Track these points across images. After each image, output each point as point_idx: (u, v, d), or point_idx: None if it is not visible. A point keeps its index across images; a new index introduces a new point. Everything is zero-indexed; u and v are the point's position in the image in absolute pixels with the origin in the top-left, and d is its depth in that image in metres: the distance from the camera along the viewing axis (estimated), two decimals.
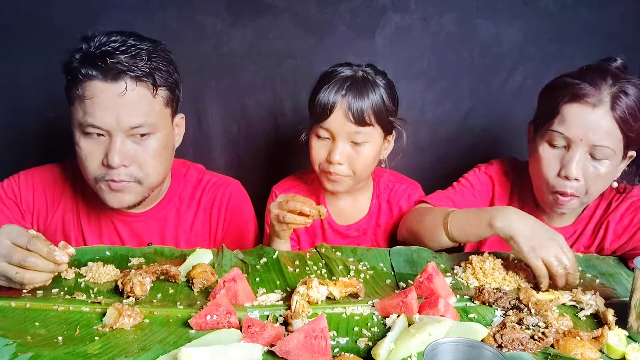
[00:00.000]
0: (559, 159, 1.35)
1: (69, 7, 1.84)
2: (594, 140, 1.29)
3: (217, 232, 1.53)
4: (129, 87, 1.24)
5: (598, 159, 1.31)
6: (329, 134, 1.45)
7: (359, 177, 1.51)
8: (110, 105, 1.24)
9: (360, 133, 1.43)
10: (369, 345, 0.97)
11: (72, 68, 1.26)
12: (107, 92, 1.24)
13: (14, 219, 1.43)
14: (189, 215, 1.51)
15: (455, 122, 2.03)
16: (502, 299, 1.10)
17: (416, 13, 1.92)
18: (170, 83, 1.33)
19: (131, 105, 1.25)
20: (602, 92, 1.29)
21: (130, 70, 1.24)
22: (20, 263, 1.01)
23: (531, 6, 1.92)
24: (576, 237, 1.49)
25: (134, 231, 1.47)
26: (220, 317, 0.99)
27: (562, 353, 0.95)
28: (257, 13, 1.89)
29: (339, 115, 1.42)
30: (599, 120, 1.29)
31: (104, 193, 1.33)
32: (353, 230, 1.63)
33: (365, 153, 1.46)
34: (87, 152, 1.29)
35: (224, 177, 1.59)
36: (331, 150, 1.45)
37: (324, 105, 1.42)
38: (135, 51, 1.25)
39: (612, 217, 1.44)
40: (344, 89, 1.41)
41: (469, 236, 1.31)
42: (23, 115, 1.96)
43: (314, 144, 1.49)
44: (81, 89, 1.25)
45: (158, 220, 1.48)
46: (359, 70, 1.46)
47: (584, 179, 1.33)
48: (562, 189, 1.35)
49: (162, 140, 1.33)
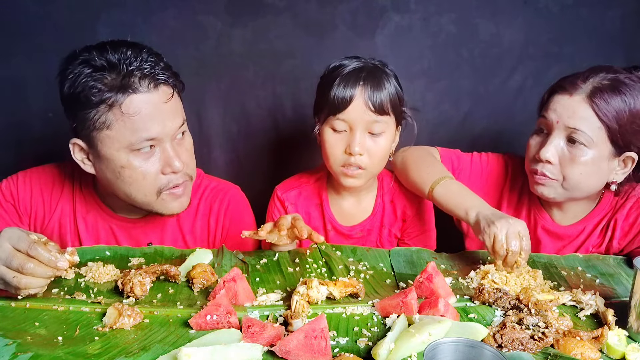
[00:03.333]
0: (540, 144, 1.40)
1: (69, 7, 1.84)
2: (568, 122, 1.34)
3: (216, 238, 1.52)
4: (166, 93, 1.26)
5: (574, 143, 1.34)
6: (346, 125, 1.44)
7: (375, 170, 1.52)
8: (156, 114, 1.24)
9: (379, 122, 1.43)
10: (369, 345, 0.97)
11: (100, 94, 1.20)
12: (150, 102, 1.23)
13: (11, 222, 1.42)
14: (188, 221, 1.50)
15: (455, 122, 2.03)
16: (502, 299, 1.10)
17: (416, 13, 1.92)
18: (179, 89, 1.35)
19: (173, 109, 1.28)
20: (586, 82, 1.34)
21: (166, 76, 1.26)
22: (19, 268, 1.01)
23: (531, 6, 1.92)
24: (585, 236, 1.49)
25: (132, 236, 1.45)
26: (220, 317, 0.99)
27: (562, 353, 0.95)
28: (257, 13, 1.89)
29: (359, 105, 1.41)
30: (575, 105, 1.34)
31: (167, 203, 1.33)
32: (357, 231, 1.62)
33: (382, 144, 1.46)
34: (144, 170, 1.27)
35: (224, 182, 1.57)
36: (350, 142, 1.43)
37: (342, 96, 1.41)
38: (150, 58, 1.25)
39: (619, 215, 1.45)
40: (361, 79, 1.41)
41: (445, 209, 1.39)
42: (23, 115, 1.96)
43: (329, 137, 1.46)
44: (123, 107, 1.20)
45: (156, 225, 1.47)
46: (368, 61, 1.47)
47: (559, 164, 1.37)
48: (535, 168, 1.40)
49: (189, 136, 1.38)
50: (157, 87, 1.24)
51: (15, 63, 1.88)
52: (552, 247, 1.51)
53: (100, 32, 1.84)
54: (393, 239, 1.65)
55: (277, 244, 1.30)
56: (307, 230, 1.25)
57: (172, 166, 1.28)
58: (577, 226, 1.49)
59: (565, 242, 1.50)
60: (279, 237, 1.26)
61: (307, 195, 1.63)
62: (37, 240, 1.04)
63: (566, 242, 1.50)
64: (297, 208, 1.61)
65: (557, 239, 1.51)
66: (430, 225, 1.66)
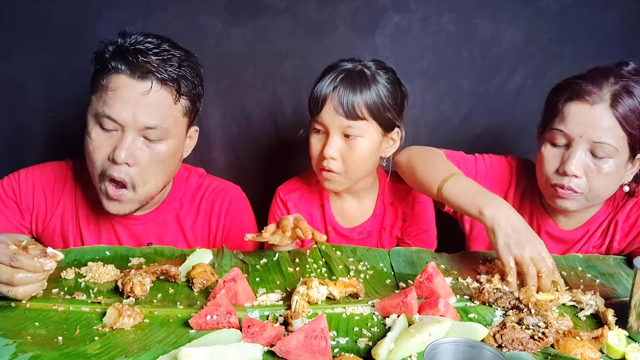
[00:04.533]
0: (560, 157, 1.35)
1: (69, 7, 1.84)
2: (593, 137, 1.29)
3: (216, 238, 1.52)
4: (153, 87, 1.26)
5: (599, 156, 1.31)
6: (323, 127, 1.45)
7: (353, 175, 1.48)
8: (131, 101, 1.25)
9: (353, 127, 1.42)
10: (369, 345, 0.97)
11: (103, 58, 1.27)
12: (131, 88, 1.25)
13: (13, 219, 1.42)
14: (189, 220, 1.50)
15: (455, 122, 2.03)
16: (502, 299, 1.10)
17: (416, 13, 1.92)
18: (193, 94, 1.35)
19: (151, 106, 1.26)
20: (603, 90, 1.30)
21: (159, 72, 1.26)
22: (9, 282, 0.99)
23: (531, 6, 1.92)
24: (587, 238, 1.48)
25: (133, 234, 1.46)
26: (220, 317, 0.99)
27: (562, 353, 0.95)
28: (257, 13, 1.89)
29: (330, 109, 1.41)
30: (599, 117, 1.29)
31: (103, 197, 1.33)
32: (357, 233, 1.62)
33: (359, 148, 1.44)
34: (97, 144, 1.29)
35: (225, 182, 1.58)
36: (325, 145, 1.44)
37: (316, 98, 1.42)
38: (168, 56, 1.28)
39: (619, 216, 1.44)
40: (336, 82, 1.41)
41: (455, 206, 1.31)
42: (23, 115, 1.95)
43: (312, 139, 1.49)
44: (106, 79, 1.26)
45: (157, 223, 1.47)
46: (358, 65, 1.45)
47: (585, 177, 1.33)
48: (561, 182, 1.35)
49: (171, 147, 1.33)
50: (144, 78, 1.25)
51: (15, 63, 1.88)
52: (555, 251, 1.49)
53: (100, 32, 1.84)
54: (394, 240, 1.65)
55: (278, 245, 1.29)
56: (311, 230, 1.24)
57: (114, 153, 1.26)
58: (581, 230, 1.48)
59: (569, 245, 1.50)
60: (281, 238, 1.26)
61: (309, 196, 1.63)
62: (17, 248, 1.02)
63: (570, 245, 1.50)
64: (299, 209, 1.61)
65: (560, 243, 1.50)
66: (431, 224, 1.66)
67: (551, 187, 1.38)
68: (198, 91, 1.37)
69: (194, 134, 1.45)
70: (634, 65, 1.36)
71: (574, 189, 1.34)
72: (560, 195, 1.36)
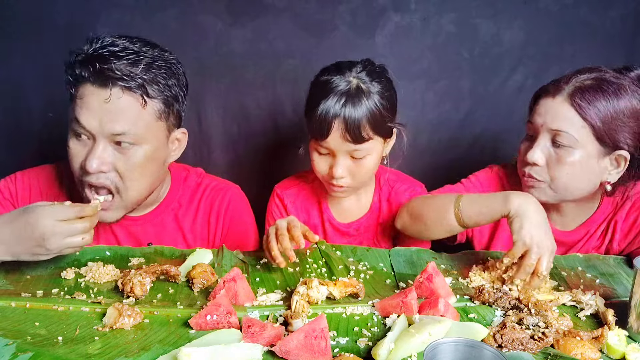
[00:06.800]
0: (529, 148, 1.40)
1: (69, 7, 1.84)
2: (552, 124, 1.34)
3: (216, 237, 1.52)
4: (115, 95, 1.23)
5: (561, 145, 1.33)
6: (328, 150, 1.45)
7: (360, 184, 1.54)
8: (96, 109, 1.24)
9: (360, 150, 1.42)
10: (369, 345, 0.97)
11: (70, 67, 1.27)
12: (95, 96, 1.24)
13: None
14: (188, 220, 1.50)
15: (455, 122, 2.03)
16: (502, 299, 1.10)
17: (416, 13, 1.92)
18: (167, 96, 1.30)
19: (116, 113, 1.24)
20: (569, 84, 1.34)
21: (120, 78, 1.22)
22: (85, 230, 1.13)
23: (531, 6, 1.92)
24: (587, 239, 1.47)
25: (132, 235, 1.45)
26: (220, 317, 0.99)
27: (562, 353, 0.95)
28: (257, 13, 1.89)
29: (336, 136, 1.39)
30: (558, 107, 1.33)
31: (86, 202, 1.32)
32: (353, 228, 1.62)
33: (367, 164, 1.46)
34: (74, 153, 1.29)
35: (224, 181, 1.57)
36: (333, 166, 1.44)
37: (320, 125, 1.39)
38: (134, 58, 1.24)
39: (618, 217, 1.44)
40: (338, 108, 1.37)
41: (480, 216, 1.28)
42: (23, 115, 1.95)
43: (315, 158, 1.48)
44: (75, 88, 1.27)
45: (156, 224, 1.47)
46: (352, 79, 1.40)
47: (546, 166, 1.36)
48: (524, 170, 1.40)
49: (148, 152, 1.30)
50: (104, 86, 1.23)
51: (15, 63, 1.88)
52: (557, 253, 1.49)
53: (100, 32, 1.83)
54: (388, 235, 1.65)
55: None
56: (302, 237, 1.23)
57: (86, 162, 1.26)
58: (580, 231, 1.48)
59: (568, 247, 1.49)
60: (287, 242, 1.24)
61: (306, 193, 1.64)
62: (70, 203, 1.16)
63: (569, 247, 1.49)
64: (296, 206, 1.62)
65: (560, 245, 1.47)
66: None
67: (522, 178, 1.43)
68: (174, 92, 1.31)
69: (181, 137, 1.40)
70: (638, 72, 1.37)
71: (534, 177, 1.38)
72: (526, 184, 1.41)
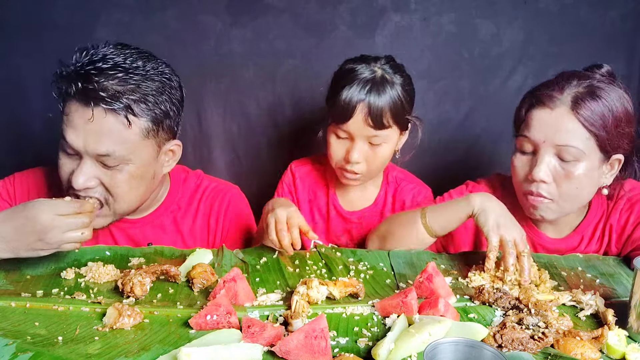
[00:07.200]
0: (528, 164, 1.35)
1: (69, 7, 1.84)
2: (556, 140, 1.29)
3: (216, 239, 1.51)
4: (98, 115, 1.19)
5: (567, 160, 1.30)
6: (347, 134, 1.48)
7: (372, 174, 1.58)
8: (81, 128, 1.21)
9: (379, 136, 1.47)
10: (369, 345, 0.97)
11: (58, 80, 1.24)
12: (79, 114, 1.21)
13: None
14: (187, 222, 1.49)
15: (455, 122, 2.03)
16: (502, 299, 1.10)
17: (416, 13, 1.92)
18: (157, 114, 1.26)
19: (100, 133, 1.21)
20: (564, 94, 1.30)
21: (103, 99, 1.18)
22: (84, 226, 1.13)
23: (531, 6, 1.92)
24: (585, 245, 1.46)
25: (130, 237, 1.45)
26: (220, 317, 0.99)
27: (562, 353, 0.95)
28: (257, 13, 1.89)
29: (359, 120, 1.44)
30: (560, 120, 1.29)
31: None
32: (356, 217, 1.66)
33: (382, 152, 1.51)
34: (61, 166, 1.28)
35: (223, 182, 1.57)
36: (350, 150, 1.49)
37: (343, 108, 1.44)
38: (123, 77, 1.20)
39: (612, 220, 1.43)
40: (364, 94, 1.43)
41: (448, 222, 1.34)
42: (23, 115, 1.95)
43: (333, 142, 1.52)
44: (62, 103, 1.25)
45: (155, 226, 1.46)
46: (377, 69, 1.46)
47: (554, 182, 1.32)
48: (530, 189, 1.35)
49: (134, 171, 1.27)
50: (88, 105, 1.19)
51: (15, 63, 1.88)
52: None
53: (100, 32, 1.84)
54: None
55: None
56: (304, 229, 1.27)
57: (72, 179, 1.24)
58: (575, 237, 1.46)
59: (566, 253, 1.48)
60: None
61: (317, 174, 1.70)
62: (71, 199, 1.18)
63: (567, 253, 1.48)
64: (304, 183, 1.69)
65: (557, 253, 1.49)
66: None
67: (523, 196, 1.38)
68: (164, 109, 1.27)
69: (175, 148, 1.37)
70: (608, 68, 1.35)
71: (543, 195, 1.33)
72: (532, 204, 1.36)
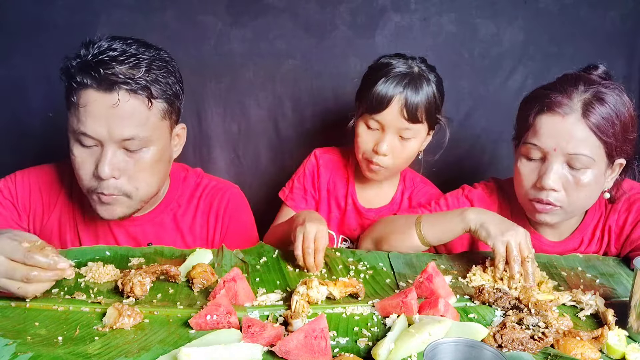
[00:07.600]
0: (536, 171, 1.33)
1: (69, 7, 1.84)
2: (568, 149, 1.27)
3: (215, 237, 1.51)
4: (122, 99, 1.20)
5: (577, 168, 1.29)
6: (379, 125, 1.50)
7: (396, 169, 1.60)
8: (103, 116, 1.21)
9: (410, 129, 1.49)
10: (369, 345, 0.97)
11: (69, 74, 1.24)
12: (100, 102, 1.21)
13: (11, 219, 1.41)
14: (187, 220, 1.49)
15: (455, 122, 2.02)
16: (502, 299, 1.10)
17: (416, 13, 1.92)
18: (169, 95, 1.29)
19: (124, 117, 1.22)
20: (573, 100, 1.28)
21: (125, 82, 1.20)
22: (23, 279, 1.00)
23: (531, 6, 1.92)
24: (584, 246, 1.45)
25: (131, 235, 1.45)
26: (220, 317, 0.99)
27: (562, 353, 0.95)
28: (257, 13, 1.89)
29: (394, 111, 1.46)
30: (572, 129, 1.27)
31: (95, 204, 1.31)
32: (372, 214, 1.67)
33: (410, 147, 1.53)
34: (80, 161, 1.27)
35: (223, 181, 1.57)
36: (379, 141, 1.50)
37: (380, 98, 1.46)
38: (134, 61, 1.22)
39: (611, 221, 1.43)
40: (401, 86, 1.45)
41: (441, 233, 1.33)
42: (23, 115, 1.95)
43: (362, 132, 1.54)
44: (76, 96, 1.23)
45: (155, 224, 1.46)
46: (414, 65, 1.50)
47: (564, 190, 1.31)
48: (539, 197, 1.33)
49: (156, 153, 1.29)
50: (111, 90, 1.20)
51: (15, 63, 1.88)
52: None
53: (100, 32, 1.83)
54: None
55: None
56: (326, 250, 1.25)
57: (98, 170, 1.24)
58: (574, 239, 1.46)
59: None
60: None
61: (339, 166, 1.72)
62: (32, 246, 1.02)
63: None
64: (327, 170, 1.71)
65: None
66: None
67: (529, 202, 1.36)
68: (175, 90, 1.31)
69: (181, 132, 1.40)
70: (604, 68, 1.34)
71: (553, 203, 1.32)
72: (539, 210, 1.34)
